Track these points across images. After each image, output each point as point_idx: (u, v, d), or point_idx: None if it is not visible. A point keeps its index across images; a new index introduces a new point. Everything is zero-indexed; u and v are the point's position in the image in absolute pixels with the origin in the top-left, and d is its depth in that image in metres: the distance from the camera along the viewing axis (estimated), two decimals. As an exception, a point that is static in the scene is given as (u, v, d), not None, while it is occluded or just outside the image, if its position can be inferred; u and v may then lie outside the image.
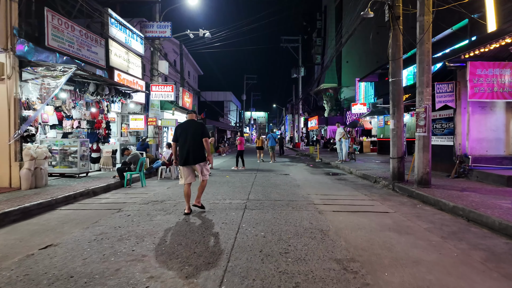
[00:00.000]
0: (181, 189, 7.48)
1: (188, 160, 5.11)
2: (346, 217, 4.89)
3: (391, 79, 7.69)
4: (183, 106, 15.95)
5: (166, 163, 9.66)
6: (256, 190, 7.36)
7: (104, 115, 10.09)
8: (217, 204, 5.90)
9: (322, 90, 39.06)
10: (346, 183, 8.62)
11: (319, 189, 7.64)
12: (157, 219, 4.81)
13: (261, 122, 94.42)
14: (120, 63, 10.96)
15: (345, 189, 7.63)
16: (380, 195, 6.88)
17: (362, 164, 12.85)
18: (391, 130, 7.80)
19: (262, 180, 9.13)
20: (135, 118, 12.85)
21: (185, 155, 5.10)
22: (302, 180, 9.18)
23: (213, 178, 9.78)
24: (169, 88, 12.82)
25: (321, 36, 44.20)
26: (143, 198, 6.57)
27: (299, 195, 6.80)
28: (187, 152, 5.08)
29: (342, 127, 13.73)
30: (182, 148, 5.14)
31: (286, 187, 7.82)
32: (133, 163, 8.24)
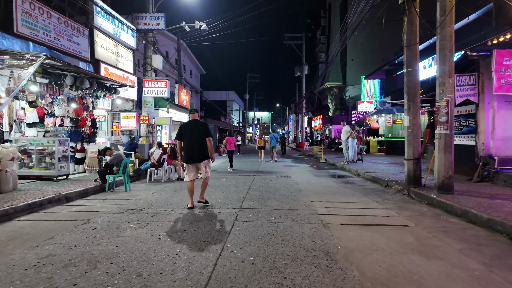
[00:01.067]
0: (167, 195, 6.69)
1: (193, 158, 5.41)
2: (357, 233, 3.98)
3: (406, 70, 6.75)
4: (180, 104, 15.11)
5: (156, 164, 8.81)
6: (251, 196, 6.46)
7: (89, 112, 9.27)
8: (204, 214, 5.01)
9: (327, 88, 38.10)
10: (354, 187, 7.69)
11: (324, 194, 6.73)
12: (125, 235, 3.93)
13: (264, 122, 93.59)
14: (107, 56, 10.13)
15: (353, 195, 6.71)
16: (394, 202, 5.95)
17: (370, 165, 11.90)
18: (406, 128, 6.87)
19: (260, 184, 8.24)
20: (126, 116, 12.03)
21: (190, 154, 5.41)
22: (305, 184, 8.28)
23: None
24: (162, 84, 11.97)
25: (325, 34, 43.26)
26: (120, 205, 5.70)
27: (301, 202, 5.90)
28: (192, 150, 5.39)
29: (349, 126, 12.75)
30: (187, 147, 5.43)
31: (287, 192, 6.92)
32: (116, 165, 7.39)
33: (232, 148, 12.55)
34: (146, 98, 12.38)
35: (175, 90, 14.76)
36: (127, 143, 10.04)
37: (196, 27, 12.61)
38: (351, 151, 12.91)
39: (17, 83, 6.11)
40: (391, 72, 20.19)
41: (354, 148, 12.99)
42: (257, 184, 8.23)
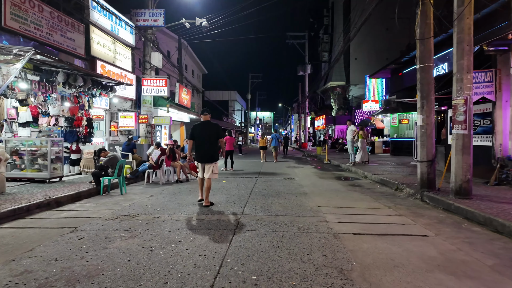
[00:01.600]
0: (164, 199, 6.33)
1: (204, 158, 5.66)
2: (373, 244, 3.56)
3: (419, 65, 6.32)
4: (180, 103, 14.73)
5: (154, 165, 8.42)
6: (254, 201, 6.06)
7: (85, 111, 8.89)
8: (202, 221, 4.60)
9: (330, 88, 37.58)
10: (363, 191, 7.27)
11: (331, 198, 6.31)
12: (114, 246, 3.53)
13: (266, 122, 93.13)
14: (104, 53, 9.77)
15: (363, 199, 6.28)
16: (407, 207, 5.52)
17: (377, 167, 11.46)
18: (419, 128, 6.43)
19: (263, 187, 7.83)
20: (124, 116, 11.66)
21: (202, 154, 5.66)
22: (310, 187, 7.86)
23: (207, 183, 8.52)
24: (162, 83, 11.59)
25: (328, 33, 42.74)
26: (113, 211, 5.31)
27: (307, 207, 5.49)
28: (203, 151, 5.65)
29: (354, 125, 12.30)
30: (199, 147, 5.68)
31: (291, 196, 6.50)
32: (110, 167, 7.01)
33: (231, 148, 12.14)
34: (145, 97, 12.01)
35: (176, 89, 14.38)
36: (125, 143, 9.66)
37: (197, 24, 12.23)
38: (363, 151, 12.47)
39: (5, 79, 5.75)
40: (397, 70, 19.72)
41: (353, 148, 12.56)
42: (260, 187, 7.82)
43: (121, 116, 11.60)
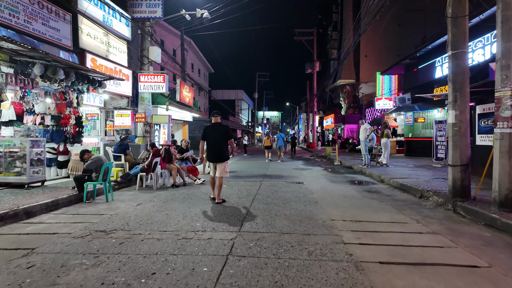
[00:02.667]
0: (152, 208, 5.51)
1: (215, 158, 5.89)
2: (409, 282, 2.65)
3: (451, 52, 5.33)
4: (182, 101, 13.92)
5: (146, 168, 7.60)
6: (256, 211, 5.17)
7: (73, 108, 8.13)
8: (188, 241, 3.73)
9: (339, 86, 36.44)
10: (382, 198, 6.32)
11: (346, 208, 5.39)
12: (66, 280, 2.69)
13: (274, 122, 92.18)
14: (95, 46, 9.01)
15: (383, 209, 5.35)
16: (440, 222, 4.57)
17: (393, 169, 10.46)
18: (451, 126, 5.44)
19: (267, 193, 6.94)
20: (120, 114, 10.90)
21: (212, 154, 5.91)
22: (320, 192, 6.94)
23: (206, 188, 7.66)
24: (160, 78, 10.79)
25: (337, 30, 41.58)
26: (89, 224, 4.49)
27: (318, 220, 4.58)
28: (214, 151, 5.90)
29: (367, 123, 11.32)
30: (210, 148, 5.95)
31: (299, 205, 5.59)
32: (95, 171, 6.21)
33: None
34: (142, 94, 11.23)
35: (177, 86, 13.59)
36: (117, 143, 8.87)
37: (198, 15, 11.39)
38: (385, 152, 11.51)
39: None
40: (411, 66, 18.61)
41: (388, 150, 11.59)
42: (264, 193, 6.93)
43: (117, 114, 10.84)
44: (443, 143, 11.26)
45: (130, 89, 10.82)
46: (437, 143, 11.58)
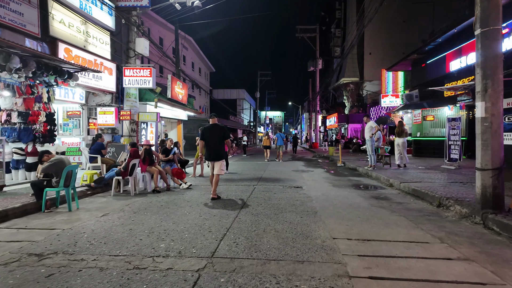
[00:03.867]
0: (118, 221, 4.57)
1: (212, 156, 6.21)
2: None
3: (480, 30, 4.34)
4: (174, 99, 13.00)
5: (122, 172, 6.69)
6: (241, 225, 4.23)
7: (43, 104, 7.24)
8: (140, 272, 2.78)
9: (342, 85, 35.42)
10: (392, 207, 5.35)
11: (351, 221, 4.42)
12: None
13: (277, 122, 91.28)
14: (71, 35, 8.12)
15: (397, 223, 4.38)
16: (470, 241, 3.61)
17: (402, 171, 9.47)
18: (480, 121, 4.46)
19: (259, 199, 6.00)
20: (103, 111, 10.01)
21: (210, 153, 6.22)
22: (321, 200, 5.98)
23: (191, 193, 6.74)
24: (146, 72, 9.89)
25: (341, 27, 40.51)
26: (28, 244, 3.58)
27: (317, 240, 3.63)
28: (211, 150, 6.22)
29: (373, 121, 10.33)
30: (208, 147, 6.26)
31: (295, 217, 4.64)
32: (54, 175, 5.30)
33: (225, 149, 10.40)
34: (128, 90, 10.34)
35: (168, 82, 12.67)
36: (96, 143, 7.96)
37: (188, 4, 10.47)
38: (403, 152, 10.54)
39: None
40: (419, 61, 17.57)
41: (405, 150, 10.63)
42: (256, 200, 5.99)
43: (100, 112, 9.95)
44: (456, 142, 10.25)
45: (113, 84, 9.91)
46: (450, 143, 10.56)
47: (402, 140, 10.68)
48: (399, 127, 10.95)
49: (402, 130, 10.65)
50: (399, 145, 10.64)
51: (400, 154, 10.77)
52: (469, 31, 12.57)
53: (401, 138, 10.65)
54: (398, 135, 10.70)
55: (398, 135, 10.67)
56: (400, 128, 10.87)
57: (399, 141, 10.64)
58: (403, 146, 10.69)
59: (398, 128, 10.90)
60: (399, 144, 10.63)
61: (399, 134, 10.63)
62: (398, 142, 10.67)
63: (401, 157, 10.86)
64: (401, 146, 10.65)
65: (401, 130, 10.66)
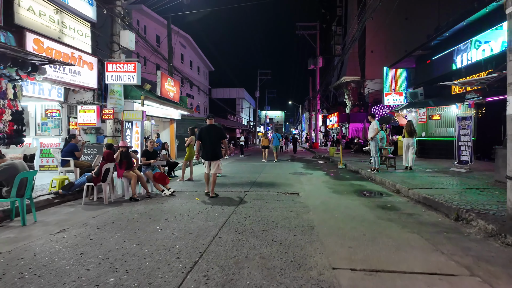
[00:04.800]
0: (75, 240, 3.74)
1: (209, 156, 6.45)
2: None
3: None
4: (164, 96, 12.21)
5: (94, 177, 5.90)
6: (217, 249, 3.44)
7: (9, 101, 6.45)
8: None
9: (343, 83, 34.60)
10: (402, 220, 4.56)
11: (355, 242, 3.63)
12: None
13: (277, 122, 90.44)
14: (41, 24, 7.34)
15: (409, 243, 3.59)
16: (508, 272, 2.81)
17: (408, 174, 8.67)
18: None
19: (248, 210, 5.21)
20: (84, 110, 9.23)
21: (207, 153, 6.45)
22: (320, 211, 5.19)
23: (172, 202, 5.94)
24: (130, 67, 9.10)
25: (342, 25, 39.73)
26: None
27: (312, 271, 2.83)
28: (208, 150, 6.44)
29: (376, 121, 9.52)
30: (205, 147, 6.46)
31: (287, 235, 3.85)
32: (5, 183, 4.51)
33: None
34: (112, 87, 9.56)
35: (158, 79, 11.88)
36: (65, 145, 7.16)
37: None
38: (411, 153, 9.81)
39: None
40: (424, 58, 16.73)
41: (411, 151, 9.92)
42: (244, 210, 5.20)
43: (80, 110, 9.16)
44: (467, 143, 9.44)
45: (95, 80, 9.11)
46: (459, 144, 9.75)
47: (412, 141, 9.93)
48: (409, 126, 10.18)
49: (413, 130, 9.93)
50: (409, 146, 9.91)
51: (408, 155, 10.06)
52: (479, 23, 11.79)
53: (412, 138, 9.90)
54: (408, 135, 9.93)
55: (409, 135, 9.90)
56: (410, 127, 10.12)
57: (410, 142, 9.89)
58: (413, 146, 9.98)
59: (408, 127, 10.13)
60: (409, 145, 9.90)
61: (410, 134, 9.87)
62: (408, 142, 9.92)
63: (408, 159, 10.13)
64: (411, 147, 9.92)
65: (412, 130, 9.93)
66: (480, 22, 11.78)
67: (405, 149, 10.27)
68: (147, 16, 28.46)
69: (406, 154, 10.26)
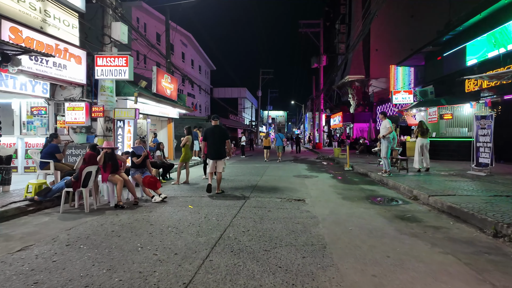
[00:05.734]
0: (33, 262, 2.99)
1: (215, 156, 6.77)
2: None
3: None
4: (160, 94, 11.51)
5: (73, 182, 5.21)
6: (206, 279, 2.72)
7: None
8: None
9: (347, 83, 33.83)
10: (429, 236, 3.84)
11: (378, 268, 2.91)
12: None
13: (280, 122, 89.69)
14: (20, 11, 6.67)
15: (448, 270, 2.87)
16: None
17: (423, 178, 7.93)
18: None
19: (247, 222, 4.50)
20: (72, 107, 8.55)
21: (213, 152, 6.78)
22: (330, 222, 4.48)
23: (161, 210, 5.24)
24: (122, 61, 8.40)
25: (346, 23, 38.93)
26: None
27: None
28: (214, 150, 6.78)
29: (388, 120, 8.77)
30: (210, 147, 6.82)
31: (294, 258, 3.14)
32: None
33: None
34: (103, 83, 8.87)
35: (153, 75, 11.19)
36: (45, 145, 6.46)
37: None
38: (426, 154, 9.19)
39: None
40: (435, 54, 15.96)
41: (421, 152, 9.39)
42: (242, 222, 4.49)
43: (68, 107, 8.48)
44: (487, 144, 8.67)
45: (83, 75, 8.42)
46: (478, 145, 8.98)
47: (426, 141, 9.24)
48: (422, 125, 9.48)
49: (426, 129, 9.25)
50: (423, 147, 9.23)
51: (421, 156, 9.38)
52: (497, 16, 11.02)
53: (425, 139, 9.21)
54: (421, 135, 9.23)
55: (422, 135, 9.20)
56: (422, 127, 9.42)
57: (424, 142, 9.21)
58: (426, 147, 9.30)
59: (421, 127, 9.44)
60: (423, 146, 9.22)
61: (423, 134, 9.17)
62: (422, 143, 9.24)
63: (421, 160, 9.44)
64: (425, 148, 9.23)
65: (425, 129, 9.24)
66: (498, 15, 11.02)
67: (418, 150, 9.55)
68: (148, 14, 27.85)
69: (418, 155, 9.54)
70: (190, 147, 8.69)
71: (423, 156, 9.52)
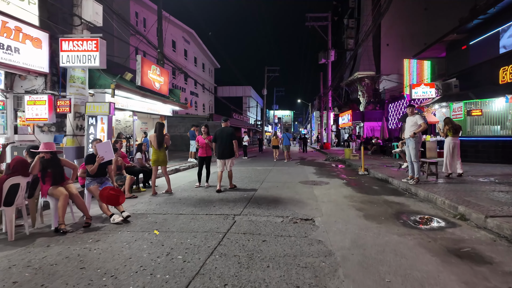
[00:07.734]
0: None
1: (224, 155, 7.07)
2: None
3: None
4: (146, 87, 10.04)
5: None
6: None
7: None
8: None
9: (357, 79, 32.06)
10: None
11: None
12: None
13: (286, 121, 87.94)
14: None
15: None
16: None
17: (463, 187, 6.29)
18: None
19: (228, 264, 2.96)
20: (33, 101, 7.10)
21: (221, 152, 7.06)
22: (354, 265, 2.91)
23: (113, 238, 3.73)
24: (91, 45, 6.93)
25: (354, 17, 37.13)
26: None
27: None
28: (222, 150, 7.05)
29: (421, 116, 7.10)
30: (219, 147, 7.08)
31: None
32: None
33: (204, 154, 7.51)
34: (73, 72, 7.44)
35: (138, 65, 9.72)
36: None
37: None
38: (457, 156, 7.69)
39: None
40: (458, 44, 14.18)
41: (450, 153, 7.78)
42: (221, 263, 2.96)
43: (28, 101, 7.04)
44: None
45: (45, 62, 6.97)
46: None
47: (457, 141, 7.65)
48: (451, 122, 7.90)
49: (459, 127, 7.65)
50: (455, 147, 7.65)
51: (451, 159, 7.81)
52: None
53: (457, 138, 7.61)
54: (453, 133, 7.62)
55: (454, 133, 7.59)
56: (452, 123, 7.84)
57: (456, 142, 7.62)
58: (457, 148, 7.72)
59: (451, 123, 7.86)
60: (455, 146, 7.64)
61: (456, 132, 7.57)
62: (455, 142, 7.67)
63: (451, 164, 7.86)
64: (457, 149, 7.63)
65: (458, 126, 7.64)
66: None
67: (449, 151, 7.95)
68: (147, 8, 26.54)
69: (449, 158, 7.94)
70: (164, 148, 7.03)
71: (452, 158, 7.95)
